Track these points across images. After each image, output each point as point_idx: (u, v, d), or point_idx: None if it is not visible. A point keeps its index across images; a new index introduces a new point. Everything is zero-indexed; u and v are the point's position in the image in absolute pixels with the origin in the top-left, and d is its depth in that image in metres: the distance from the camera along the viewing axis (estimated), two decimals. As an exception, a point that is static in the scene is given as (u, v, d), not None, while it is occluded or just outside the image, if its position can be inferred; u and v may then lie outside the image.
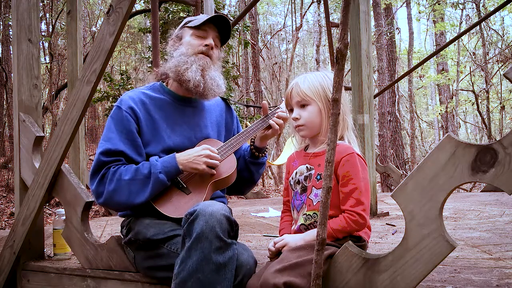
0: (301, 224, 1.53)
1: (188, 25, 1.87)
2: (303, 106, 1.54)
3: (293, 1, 14.81)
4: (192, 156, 1.69)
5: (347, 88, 3.64)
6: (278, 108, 1.89)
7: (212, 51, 1.85)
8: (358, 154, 1.47)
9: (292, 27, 15.08)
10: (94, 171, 1.72)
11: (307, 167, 1.55)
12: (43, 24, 10.52)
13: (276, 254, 1.52)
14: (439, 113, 13.91)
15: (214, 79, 1.84)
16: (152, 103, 1.82)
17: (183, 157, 1.70)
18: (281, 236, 1.62)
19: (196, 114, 1.89)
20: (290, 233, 1.58)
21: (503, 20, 12.11)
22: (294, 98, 1.56)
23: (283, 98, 1.97)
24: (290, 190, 1.61)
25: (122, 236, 1.83)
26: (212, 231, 1.40)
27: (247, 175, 1.94)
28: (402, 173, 8.04)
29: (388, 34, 11.33)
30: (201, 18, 1.85)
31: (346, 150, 1.47)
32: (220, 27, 1.88)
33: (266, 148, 1.93)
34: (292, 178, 1.59)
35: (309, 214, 1.51)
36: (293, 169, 1.61)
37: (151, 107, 1.80)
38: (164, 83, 1.91)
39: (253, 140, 1.91)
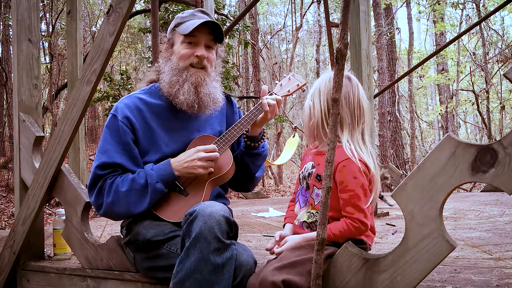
0: (304, 221, 1.53)
1: (178, 29, 1.76)
2: None
3: (293, 1, 14.81)
4: (186, 162, 1.66)
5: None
6: (271, 93, 1.80)
7: (205, 60, 1.75)
8: (360, 159, 1.43)
9: (292, 27, 15.08)
10: (91, 185, 1.70)
11: (312, 164, 1.56)
12: (43, 24, 10.53)
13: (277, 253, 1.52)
14: (439, 113, 13.91)
15: (210, 95, 1.75)
16: (148, 109, 1.76)
17: (177, 163, 1.66)
18: (284, 224, 1.64)
19: (194, 117, 1.81)
20: (293, 224, 1.59)
21: (503, 20, 12.12)
22: None
23: (276, 82, 1.92)
24: (298, 184, 1.62)
25: (122, 236, 1.83)
26: (211, 232, 1.40)
27: (243, 168, 1.85)
28: (402, 173, 8.04)
29: (388, 34, 11.33)
30: (190, 22, 1.73)
31: (342, 154, 1.44)
32: (212, 26, 1.75)
33: (262, 137, 1.82)
34: (302, 173, 1.60)
35: (312, 212, 1.52)
36: (304, 164, 1.62)
37: (148, 114, 1.75)
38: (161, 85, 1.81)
39: (247, 129, 1.81)
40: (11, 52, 7.95)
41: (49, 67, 10.39)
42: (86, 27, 12.03)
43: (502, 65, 11.39)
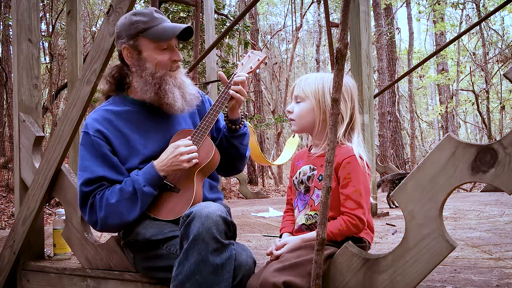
0: (302, 224, 1.53)
1: (146, 35, 1.71)
2: (299, 101, 1.56)
3: (293, 1, 14.81)
4: (169, 160, 1.66)
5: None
6: (235, 74, 1.82)
7: (179, 62, 1.79)
8: (361, 157, 1.46)
9: (292, 27, 15.08)
10: (82, 204, 1.71)
11: (310, 167, 1.55)
12: (43, 24, 10.52)
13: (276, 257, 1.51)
14: (439, 113, 13.91)
15: (190, 93, 1.79)
16: (117, 118, 1.76)
17: (160, 163, 1.67)
18: (281, 234, 1.62)
19: (164, 114, 1.81)
20: (292, 232, 1.58)
21: (503, 20, 12.11)
22: (294, 92, 1.59)
23: (238, 62, 1.93)
24: (294, 190, 1.61)
25: (121, 237, 1.83)
26: (209, 232, 1.40)
27: (233, 151, 1.87)
28: (402, 173, 8.03)
29: (388, 34, 11.34)
30: (159, 27, 1.71)
31: (348, 152, 1.46)
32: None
33: (242, 118, 1.85)
34: (296, 178, 1.59)
35: (310, 214, 1.52)
36: (296, 169, 1.61)
37: (118, 122, 1.75)
38: (124, 92, 1.82)
39: (226, 114, 1.84)
40: (11, 52, 7.95)
41: (49, 67, 10.39)
42: (86, 27, 12.02)
43: (502, 65, 11.39)
